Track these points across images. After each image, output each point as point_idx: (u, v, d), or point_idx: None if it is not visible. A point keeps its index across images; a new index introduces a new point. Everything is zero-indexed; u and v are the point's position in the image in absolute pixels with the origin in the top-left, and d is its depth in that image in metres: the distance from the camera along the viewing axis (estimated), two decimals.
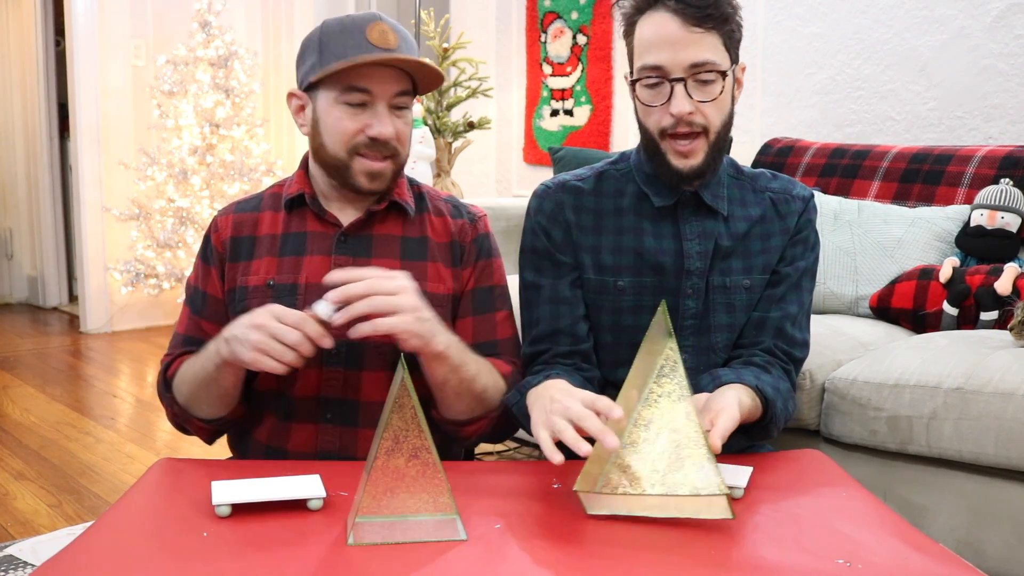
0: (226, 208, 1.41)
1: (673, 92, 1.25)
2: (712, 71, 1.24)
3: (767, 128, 3.27)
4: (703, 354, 1.37)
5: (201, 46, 4.59)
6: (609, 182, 1.40)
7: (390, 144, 1.29)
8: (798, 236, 1.39)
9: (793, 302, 1.37)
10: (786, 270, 1.38)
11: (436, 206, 1.42)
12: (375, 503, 0.95)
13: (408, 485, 0.96)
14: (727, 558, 0.92)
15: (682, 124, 1.26)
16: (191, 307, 1.40)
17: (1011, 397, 1.53)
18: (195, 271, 1.41)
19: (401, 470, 0.95)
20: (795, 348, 1.37)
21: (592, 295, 1.38)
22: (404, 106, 1.31)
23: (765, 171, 1.44)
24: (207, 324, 1.36)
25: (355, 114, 1.28)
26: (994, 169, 2.30)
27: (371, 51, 1.25)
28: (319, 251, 1.34)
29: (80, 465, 2.76)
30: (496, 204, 3.09)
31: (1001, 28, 2.68)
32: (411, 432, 0.94)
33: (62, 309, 5.50)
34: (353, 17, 1.29)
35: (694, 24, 1.22)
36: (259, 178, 4.63)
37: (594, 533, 0.97)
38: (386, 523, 0.96)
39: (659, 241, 1.36)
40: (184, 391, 1.31)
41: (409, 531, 0.96)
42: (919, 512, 1.66)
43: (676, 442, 1.00)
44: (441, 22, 3.68)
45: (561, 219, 1.38)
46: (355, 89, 1.27)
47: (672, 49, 1.23)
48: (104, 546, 0.94)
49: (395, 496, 0.96)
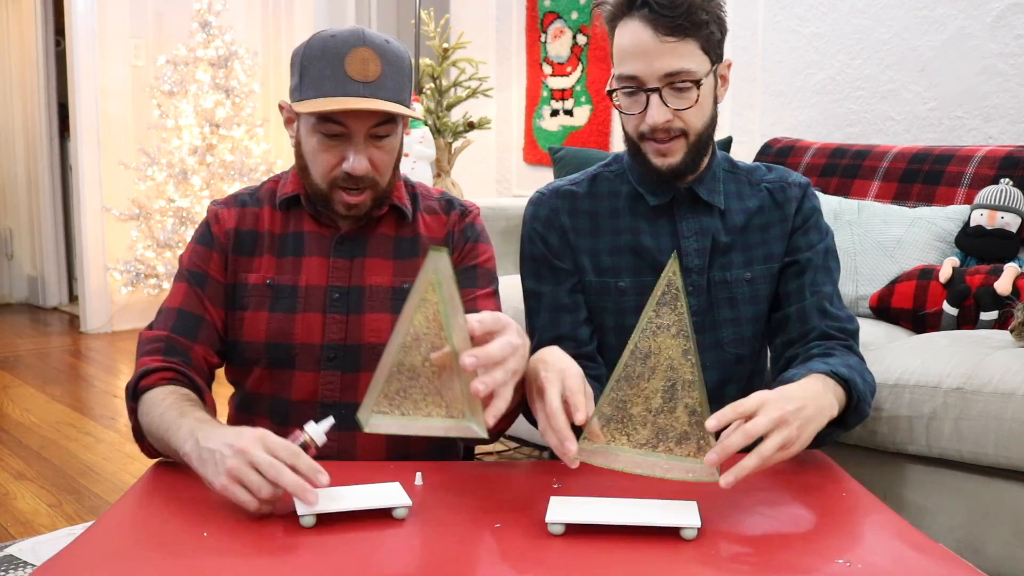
0: (225, 200, 1.39)
1: (649, 102, 1.25)
2: (687, 80, 1.23)
3: (767, 128, 3.26)
4: (710, 351, 1.37)
5: (201, 46, 4.59)
6: (603, 184, 1.41)
7: (366, 178, 1.27)
8: (809, 223, 1.38)
9: (826, 283, 1.36)
10: (807, 256, 1.37)
11: (428, 205, 1.42)
12: (387, 401, 0.93)
13: (424, 386, 0.93)
14: (727, 557, 0.92)
15: (659, 131, 1.27)
16: (192, 283, 1.33)
17: (1011, 397, 1.53)
18: (192, 254, 1.35)
19: (417, 370, 0.92)
20: (844, 322, 1.34)
21: (594, 297, 1.38)
22: (385, 134, 1.27)
23: (760, 165, 1.44)
24: (210, 304, 1.33)
25: (331, 146, 1.26)
26: (994, 169, 2.30)
27: (347, 86, 1.22)
28: (317, 252, 1.34)
29: (80, 465, 2.76)
30: (496, 204, 3.09)
31: (1001, 28, 2.68)
32: (431, 332, 0.90)
33: (62, 309, 5.50)
34: (337, 39, 1.24)
35: (666, 34, 1.22)
36: (259, 178, 4.63)
37: (594, 531, 0.97)
38: (399, 420, 0.94)
39: (656, 240, 1.36)
40: (148, 425, 1.20)
41: (423, 430, 0.93)
42: (919, 512, 1.66)
43: (672, 381, 0.98)
44: (441, 22, 3.68)
45: (557, 224, 1.38)
46: (330, 121, 1.24)
47: (646, 59, 1.23)
48: (104, 546, 0.94)
49: (409, 396, 0.93)
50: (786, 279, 1.38)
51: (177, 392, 1.21)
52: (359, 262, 1.34)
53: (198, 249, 1.35)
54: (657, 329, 0.98)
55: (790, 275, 1.37)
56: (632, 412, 1.00)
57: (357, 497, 1.02)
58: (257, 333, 1.32)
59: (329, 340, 1.31)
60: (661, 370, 0.99)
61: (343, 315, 1.32)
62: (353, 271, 1.34)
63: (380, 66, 1.24)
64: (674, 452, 1.00)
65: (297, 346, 1.31)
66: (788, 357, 1.34)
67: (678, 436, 0.99)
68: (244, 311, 1.33)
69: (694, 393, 0.98)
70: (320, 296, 1.32)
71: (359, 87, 1.22)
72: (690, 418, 0.99)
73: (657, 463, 1.00)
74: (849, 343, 1.33)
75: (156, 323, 1.32)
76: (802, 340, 1.34)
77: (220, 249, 1.34)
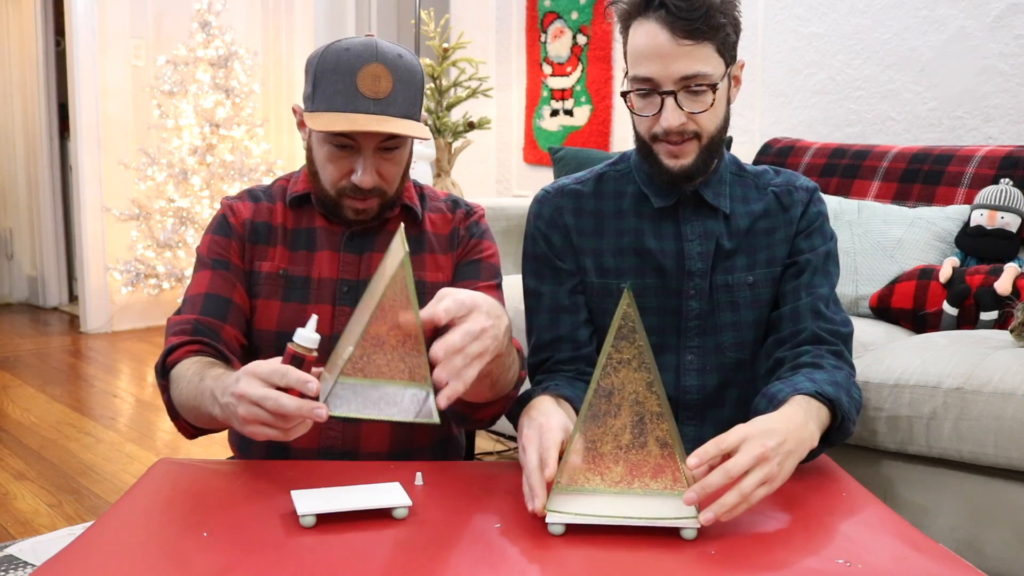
0: (239, 194, 1.42)
1: (664, 105, 1.24)
2: (703, 83, 1.23)
3: (767, 128, 3.27)
4: (709, 354, 1.36)
5: (201, 46, 4.60)
6: (609, 184, 1.40)
7: (374, 189, 1.30)
8: (812, 227, 1.37)
9: (823, 285, 1.35)
10: (806, 257, 1.36)
11: (435, 205, 1.44)
12: (352, 366, 0.96)
13: (388, 352, 0.96)
14: (727, 557, 0.92)
15: (673, 134, 1.26)
16: (217, 268, 1.35)
17: (1011, 397, 1.53)
18: (211, 243, 1.37)
19: (383, 337, 0.96)
20: (838, 326, 1.33)
21: (596, 299, 1.38)
22: (394, 147, 1.30)
23: (768, 168, 1.43)
24: (240, 285, 1.35)
25: (341, 157, 1.29)
26: (994, 169, 2.30)
27: (357, 102, 1.24)
28: (328, 247, 1.37)
29: (80, 465, 2.76)
30: (496, 204, 3.09)
31: (1001, 28, 2.68)
32: (399, 303, 0.94)
33: (62, 309, 5.50)
34: (351, 52, 1.26)
35: (683, 36, 1.21)
36: (259, 178, 4.63)
37: (594, 531, 0.97)
38: (363, 387, 0.97)
39: (660, 242, 1.36)
40: (179, 399, 1.24)
41: (384, 407, 0.97)
42: (919, 512, 1.66)
43: (639, 415, 0.98)
44: (441, 22, 3.68)
45: (560, 224, 1.38)
46: (341, 134, 1.27)
47: (662, 62, 1.22)
48: (104, 546, 0.94)
49: (372, 362, 0.96)
50: (785, 279, 1.37)
51: (201, 361, 1.23)
52: (368, 257, 1.36)
53: (217, 239, 1.37)
54: (618, 364, 0.98)
55: (788, 275, 1.37)
56: (603, 451, 0.99)
57: (357, 497, 1.02)
58: (269, 321, 1.35)
59: (337, 331, 1.34)
60: (627, 405, 0.98)
61: (352, 308, 1.34)
62: (362, 265, 1.36)
63: (391, 82, 1.26)
64: (650, 487, 1.00)
65: None
66: (778, 358, 1.33)
67: (652, 469, 0.99)
68: (256, 299, 1.36)
69: (664, 425, 0.98)
70: (331, 288, 1.35)
71: (369, 104, 1.24)
72: (662, 450, 0.99)
73: (634, 501, 0.99)
74: (839, 348, 1.31)
75: (184, 308, 1.34)
76: (793, 340, 1.32)
77: (237, 238, 1.37)
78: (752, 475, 0.96)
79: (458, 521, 1.02)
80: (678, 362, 1.36)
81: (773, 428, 1.02)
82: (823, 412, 1.15)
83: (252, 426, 0.99)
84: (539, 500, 0.98)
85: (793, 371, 1.27)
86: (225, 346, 1.31)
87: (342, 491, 1.04)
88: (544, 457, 1.01)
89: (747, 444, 0.98)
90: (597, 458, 1.00)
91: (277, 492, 1.08)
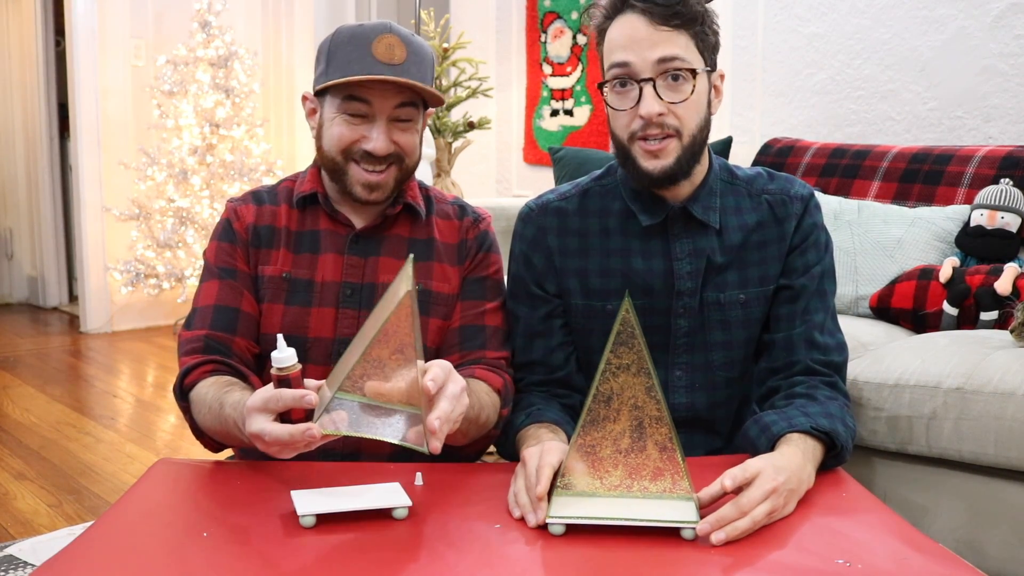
0: (243, 197, 1.41)
1: (642, 93, 1.21)
2: (681, 68, 1.21)
3: (767, 128, 3.26)
4: (698, 371, 1.34)
5: (201, 46, 4.59)
6: (594, 200, 1.36)
7: (390, 155, 1.30)
8: (807, 242, 1.33)
9: (818, 310, 1.32)
10: (801, 281, 1.32)
11: (443, 209, 1.43)
12: (351, 383, 0.97)
13: (387, 375, 0.97)
14: (727, 557, 0.92)
15: (652, 127, 1.22)
16: (224, 277, 1.35)
17: (1011, 397, 1.53)
18: (217, 251, 1.37)
19: (384, 360, 0.96)
20: (831, 354, 1.31)
21: (581, 319, 1.36)
22: (407, 118, 1.30)
23: (762, 171, 1.39)
24: (247, 293, 1.35)
25: (354, 124, 1.29)
26: (994, 169, 2.30)
27: (373, 67, 1.25)
28: (332, 249, 1.36)
29: (80, 465, 2.76)
30: (496, 204, 3.09)
31: (1001, 28, 2.68)
32: (402, 331, 0.95)
33: (62, 309, 5.50)
34: (365, 27, 1.29)
35: (661, 22, 1.20)
36: (259, 178, 4.63)
37: (594, 531, 0.97)
38: (359, 405, 0.98)
39: (648, 262, 1.32)
40: (203, 424, 1.24)
41: (378, 427, 0.98)
42: (919, 512, 1.66)
43: (638, 419, 0.99)
44: (441, 22, 3.69)
45: (543, 245, 1.36)
46: (355, 99, 1.27)
47: (639, 47, 1.21)
48: (104, 546, 0.94)
49: (370, 381, 0.98)
50: (778, 303, 1.33)
51: (217, 383, 1.23)
52: (373, 260, 1.36)
53: (222, 246, 1.37)
54: (617, 370, 0.98)
55: (782, 299, 1.33)
56: (602, 455, 1.00)
57: (357, 497, 1.02)
58: (272, 325, 1.34)
59: (341, 335, 1.34)
60: (626, 410, 0.99)
61: (355, 310, 1.34)
62: (367, 269, 1.36)
63: (406, 52, 1.27)
64: (650, 490, 1.00)
65: (311, 340, 1.34)
66: (771, 386, 1.32)
67: (651, 473, 1.00)
68: (260, 303, 1.36)
69: (663, 429, 0.98)
70: (334, 292, 1.35)
71: (385, 68, 1.25)
72: (661, 454, 0.99)
73: (633, 504, 0.99)
74: (833, 379, 1.30)
75: (193, 323, 1.33)
76: (785, 371, 1.31)
77: (242, 244, 1.37)
78: (764, 505, 0.99)
79: (458, 521, 1.02)
80: (666, 379, 1.34)
81: (782, 466, 1.05)
82: (818, 449, 1.16)
83: (278, 454, 1.02)
84: (532, 516, 1.00)
85: (787, 400, 1.27)
86: (238, 360, 1.31)
87: (342, 491, 1.04)
88: (538, 475, 1.02)
89: (761, 478, 1.01)
90: (596, 462, 1.00)
91: (277, 492, 1.08)
